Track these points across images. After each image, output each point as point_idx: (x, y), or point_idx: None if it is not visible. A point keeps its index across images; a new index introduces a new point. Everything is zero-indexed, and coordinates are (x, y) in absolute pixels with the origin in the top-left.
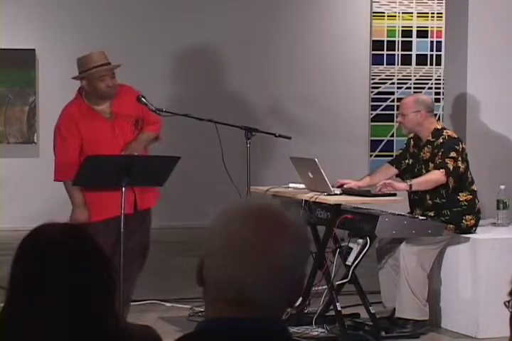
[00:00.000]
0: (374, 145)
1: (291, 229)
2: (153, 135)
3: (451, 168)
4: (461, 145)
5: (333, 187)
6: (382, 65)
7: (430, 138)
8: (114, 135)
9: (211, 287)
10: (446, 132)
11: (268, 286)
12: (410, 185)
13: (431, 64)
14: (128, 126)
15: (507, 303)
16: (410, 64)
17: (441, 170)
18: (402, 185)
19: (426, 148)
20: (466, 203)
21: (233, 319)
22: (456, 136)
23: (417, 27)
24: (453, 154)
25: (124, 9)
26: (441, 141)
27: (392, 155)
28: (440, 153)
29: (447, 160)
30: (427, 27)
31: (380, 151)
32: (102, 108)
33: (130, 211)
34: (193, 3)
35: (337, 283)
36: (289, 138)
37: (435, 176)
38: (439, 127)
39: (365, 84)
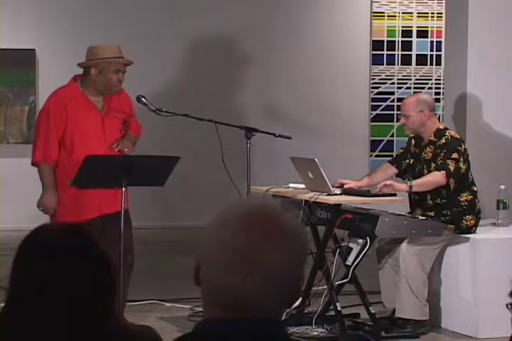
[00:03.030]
0: (374, 145)
1: (287, 231)
2: (136, 138)
3: (452, 169)
4: (463, 146)
5: (333, 187)
6: (382, 65)
7: (432, 138)
8: (102, 128)
9: (208, 290)
10: (449, 132)
11: (264, 291)
12: (410, 186)
13: (431, 64)
14: (116, 123)
15: (509, 306)
16: (410, 64)
17: (441, 171)
18: (402, 186)
19: (428, 148)
20: (466, 203)
21: (232, 319)
22: (458, 137)
23: (417, 27)
24: (455, 155)
25: (124, 9)
26: (443, 141)
27: (392, 155)
28: (442, 154)
29: (449, 161)
30: (427, 27)
31: (380, 151)
32: (96, 99)
33: (114, 210)
34: (190, 5)
35: (337, 283)
36: (289, 138)
37: (435, 178)
38: (441, 127)
39: (365, 84)
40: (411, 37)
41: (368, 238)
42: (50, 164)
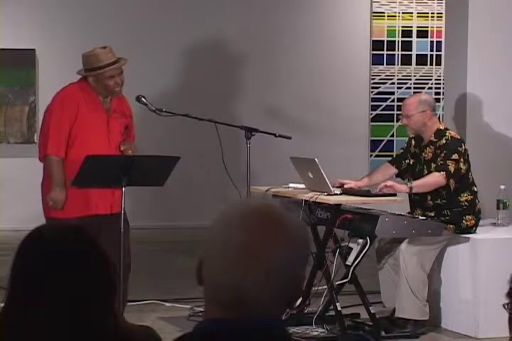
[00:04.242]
0: (374, 145)
1: (289, 231)
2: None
3: (452, 170)
4: (463, 147)
5: (333, 187)
6: (382, 65)
7: (433, 138)
8: (107, 128)
9: (210, 288)
10: (450, 133)
11: (266, 289)
12: (411, 188)
13: (431, 64)
14: (119, 127)
15: (506, 306)
16: (410, 64)
17: (441, 172)
18: (402, 188)
19: (428, 148)
20: (466, 203)
21: (232, 319)
22: (459, 137)
23: (417, 27)
24: (455, 156)
25: (124, 9)
26: (444, 141)
27: (392, 155)
28: (442, 155)
29: (449, 162)
30: (427, 27)
31: (380, 151)
32: (104, 100)
33: (111, 211)
34: (191, 5)
35: (337, 283)
36: (289, 138)
37: (435, 179)
38: (441, 127)
39: (365, 84)
40: (411, 37)
41: (367, 238)
42: (62, 157)
